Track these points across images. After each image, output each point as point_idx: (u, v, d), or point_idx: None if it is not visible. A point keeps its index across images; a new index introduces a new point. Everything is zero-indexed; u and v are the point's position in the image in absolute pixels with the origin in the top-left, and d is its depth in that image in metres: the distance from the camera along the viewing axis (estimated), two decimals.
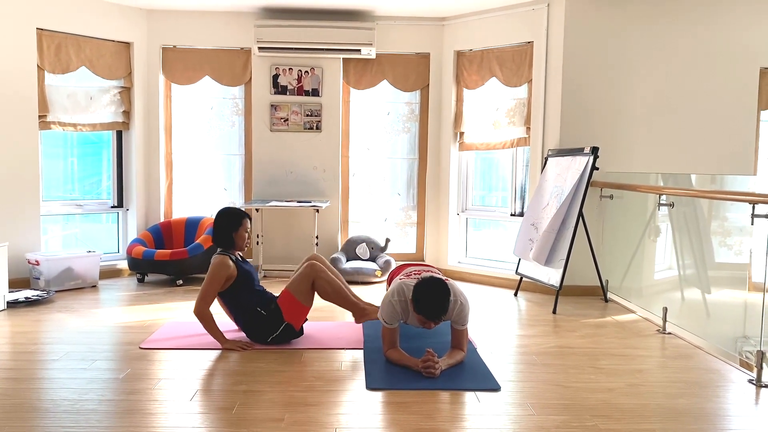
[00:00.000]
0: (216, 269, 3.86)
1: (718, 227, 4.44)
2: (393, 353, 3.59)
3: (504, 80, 5.95)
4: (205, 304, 3.86)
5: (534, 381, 3.40)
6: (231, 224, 3.98)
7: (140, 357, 3.71)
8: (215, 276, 3.86)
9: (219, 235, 4.00)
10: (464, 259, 6.50)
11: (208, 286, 3.86)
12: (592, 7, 5.48)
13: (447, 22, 6.31)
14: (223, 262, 3.88)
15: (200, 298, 3.86)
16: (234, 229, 3.98)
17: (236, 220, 4.00)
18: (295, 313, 3.93)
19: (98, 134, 6.23)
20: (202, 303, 3.86)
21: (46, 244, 5.95)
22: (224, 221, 3.99)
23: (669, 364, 3.74)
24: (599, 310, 5.10)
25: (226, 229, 3.98)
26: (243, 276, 3.95)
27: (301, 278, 3.96)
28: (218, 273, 3.86)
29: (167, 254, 5.69)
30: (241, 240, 4.02)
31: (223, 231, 3.98)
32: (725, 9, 5.53)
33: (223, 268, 3.86)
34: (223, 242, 4.00)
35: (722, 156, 5.62)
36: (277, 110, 6.36)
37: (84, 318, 4.59)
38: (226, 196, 6.55)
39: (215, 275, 3.85)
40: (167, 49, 6.32)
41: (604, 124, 5.56)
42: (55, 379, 3.31)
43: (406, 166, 6.62)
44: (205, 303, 3.86)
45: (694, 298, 4.55)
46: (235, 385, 3.26)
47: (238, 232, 4.00)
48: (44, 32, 5.58)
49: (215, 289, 3.88)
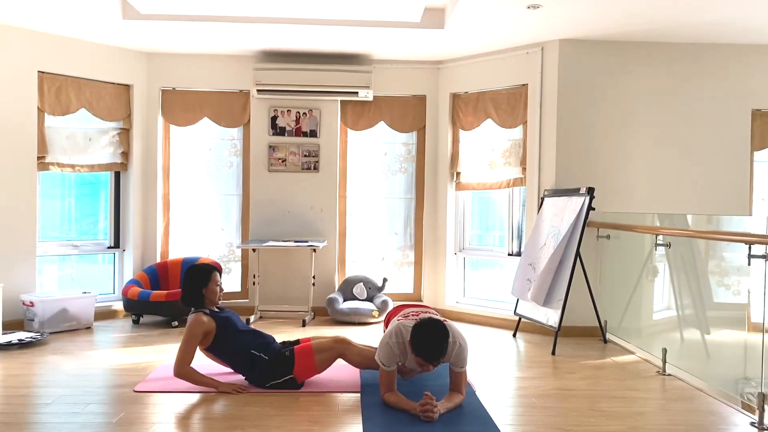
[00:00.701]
0: (191, 329, 3.79)
1: (715, 267, 4.44)
2: (391, 396, 3.54)
3: (499, 122, 6.02)
4: (184, 366, 3.79)
5: (534, 425, 3.36)
6: (200, 281, 3.91)
7: (134, 400, 3.65)
8: (191, 335, 3.79)
9: (189, 293, 3.92)
10: (462, 299, 6.47)
11: (186, 346, 3.79)
12: (586, 51, 5.58)
13: (443, 65, 6.41)
14: (197, 320, 3.81)
15: (179, 360, 3.79)
16: (203, 285, 3.91)
17: (205, 276, 3.93)
18: (305, 371, 3.87)
19: (96, 175, 6.25)
20: (181, 364, 3.79)
21: (41, 284, 5.91)
22: (193, 279, 3.92)
23: (670, 407, 3.69)
24: (598, 351, 5.06)
25: (196, 287, 3.91)
26: (223, 325, 3.88)
27: (328, 347, 3.89)
28: (194, 332, 3.79)
29: (163, 295, 5.65)
30: (213, 294, 3.94)
31: (192, 289, 3.91)
32: (717, 53, 5.64)
33: (197, 325, 3.80)
34: (193, 300, 3.92)
35: (717, 196, 5.65)
36: (275, 151, 6.40)
37: (78, 360, 4.54)
38: (223, 236, 6.55)
39: (191, 335, 3.79)
40: (167, 92, 6.40)
41: (600, 165, 5.61)
42: (48, 424, 3.25)
43: (403, 206, 6.65)
44: (184, 365, 3.79)
45: (693, 338, 4.52)
46: (230, 429, 3.21)
47: (209, 287, 3.92)
48: (45, 75, 5.65)
49: (193, 349, 3.81)
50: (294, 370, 3.84)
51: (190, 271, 3.96)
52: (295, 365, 3.84)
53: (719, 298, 4.35)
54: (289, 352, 3.87)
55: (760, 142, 5.78)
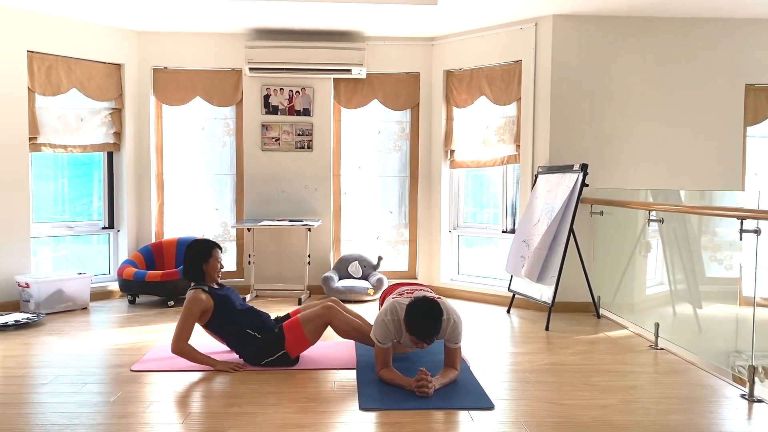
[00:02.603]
0: (189, 305, 3.81)
1: (708, 242, 4.47)
2: (386, 373, 3.58)
3: (493, 99, 6.00)
4: (182, 343, 3.81)
5: (527, 399, 3.40)
6: (201, 256, 3.93)
7: (131, 380, 3.68)
8: (189, 313, 3.81)
9: (190, 268, 3.94)
10: (456, 276, 6.50)
11: (183, 323, 3.81)
12: (579, 26, 5.55)
13: (436, 41, 6.37)
14: (195, 297, 3.83)
15: (176, 337, 3.81)
16: (204, 260, 3.93)
17: (206, 252, 3.95)
18: (297, 345, 3.89)
19: (89, 155, 6.22)
20: (178, 341, 3.81)
21: (36, 266, 5.91)
22: (193, 254, 3.94)
23: (662, 380, 3.74)
24: (592, 326, 5.11)
25: (197, 262, 3.93)
26: (221, 303, 3.90)
27: (315, 316, 3.90)
28: (192, 309, 3.81)
29: (158, 275, 5.66)
30: (213, 270, 3.96)
31: (193, 264, 3.93)
32: (711, 27, 5.61)
33: (196, 303, 3.81)
34: (194, 276, 3.95)
35: (710, 172, 5.67)
36: (268, 130, 6.38)
37: (74, 341, 4.55)
38: (217, 216, 6.55)
39: (189, 312, 3.81)
40: (158, 71, 6.35)
41: (594, 141, 5.61)
42: (45, 404, 3.27)
43: (398, 185, 6.65)
44: (181, 341, 3.81)
45: (685, 313, 4.57)
46: (227, 407, 3.24)
47: (209, 263, 3.95)
48: (35, 54, 5.60)
49: (191, 326, 3.83)
50: (285, 345, 3.87)
51: (191, 246, 3.98)
52: (286, 340, 3.87)
53: (711, 273, 4.38)
54: (278, 329, 3.90)
55: (753, 117, 5.78)
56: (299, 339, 3.89)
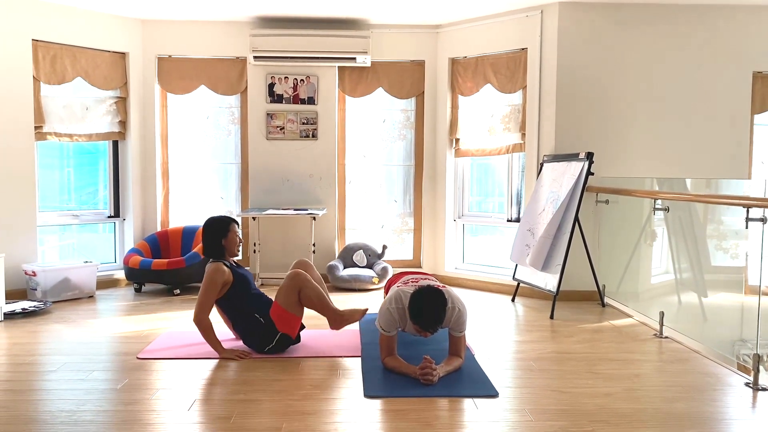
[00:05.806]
0: (211, 276, 3.85)
1: (713, 231, 4.45)
2: (391, 361, 3.59)
3: (498, 87, 5.97)
4: (204, 313, 3.85)
5: (532, 387, 3.41)
6: (219, 232, 3.98)
7: (138, 367, 3.70)
8: (212, 282, 3.85)
9: (209, 244, 3.99)
10: (461, 265, 6.51)
11: (206, 293, 3.85)
12: (585, 13, 5.51)
13: (441, 29, 6.34)
14: (218, 268, 3.87)
15: (198, 307, 3.84)
16: (223, 236, 3.98)
17: (224, 227, 4.00)
18: (287, 323, 3.92)
19: (94, 144, 6.23)
20: (200, 311, 3.84)
21: (43, 254, 5.94)
22: (212, 230, 3.99)
23: (666, 368, 3.74)
24: (596, 315, 5.11)
25: (216, 237, 3.97)
26: (239, 280, 3.94)
27: (287, 290, 3.93)
28: (214, 279, 3.84)
29: (164, 264, 5.68)
30: (233, 245, 4.01)
31: (212, 240, 3.97)
32: (718, 14, 5.57)
33: (218, 273, 3.86)
34: (214, 251, 3.99)
35: (717, 160, 5.64)
36: (273, 119, 6.37)
37: (81, 328, 4.59)
38: (222, 204, 6.56)
39: (212, 282, 3.84)
40: (163, 59, 6.34)
41: (599, 130, 5.58)
42: (53, 391, 3.30)
43: (403, 173, 6.64)
44: (204, 311, 3.85)
45: (690, 301, 4.56)
46: (232, 394, 3.26)
47: (228, 237, 3.99)
48: (40, 43, 5.60)
49: (213, 296, 3.87)
50: (278, 327, 3.89)
51: (209, 222, 4.02)
52: (276, 324, 3.89)
53: (717, 262, 4.37)
54: (264, 318, 3.92)
55: (760, 105, 5.74)
56: (286, 317, 3.90)
